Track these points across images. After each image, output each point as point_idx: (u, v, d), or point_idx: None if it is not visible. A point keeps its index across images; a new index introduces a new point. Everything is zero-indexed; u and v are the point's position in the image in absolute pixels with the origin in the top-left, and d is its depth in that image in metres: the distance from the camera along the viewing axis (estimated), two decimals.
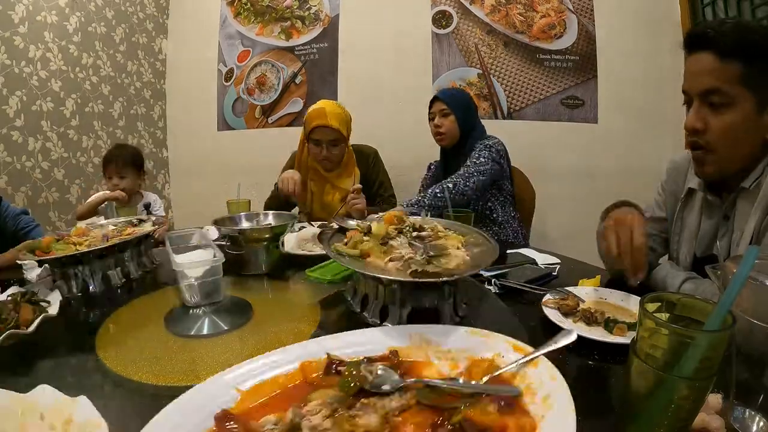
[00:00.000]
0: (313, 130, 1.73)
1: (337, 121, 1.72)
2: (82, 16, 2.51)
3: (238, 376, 0.51)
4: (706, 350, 0.37)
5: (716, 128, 0.76)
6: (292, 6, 2.82)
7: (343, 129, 1.74)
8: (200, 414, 0.45)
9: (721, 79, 0.74)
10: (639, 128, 2.37)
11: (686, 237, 0.95)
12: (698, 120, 0.77)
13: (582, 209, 2.47)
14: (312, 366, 0.53)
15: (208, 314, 0.86)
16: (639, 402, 0.42)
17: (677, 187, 0.99)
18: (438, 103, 1.76)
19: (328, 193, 1.86)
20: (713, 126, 0.76)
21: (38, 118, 2.29)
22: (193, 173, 3.18)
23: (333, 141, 1.74)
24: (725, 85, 0.74)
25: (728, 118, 0.75)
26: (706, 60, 0.75)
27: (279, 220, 1.26)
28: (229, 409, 0.46)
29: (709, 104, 0.76)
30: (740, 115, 0.74)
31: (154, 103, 3.09)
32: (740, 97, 0.74)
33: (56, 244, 1.02)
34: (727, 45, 0.73)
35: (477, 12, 2.53)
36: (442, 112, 1.74)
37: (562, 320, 0.75)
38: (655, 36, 2.32)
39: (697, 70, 0.77)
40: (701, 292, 0.81)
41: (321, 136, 1.73)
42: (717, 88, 0.74)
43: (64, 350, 0.76)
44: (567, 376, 0.63)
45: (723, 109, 0.75)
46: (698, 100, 0.78)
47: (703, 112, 0.77)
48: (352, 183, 1.85)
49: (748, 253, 0.40)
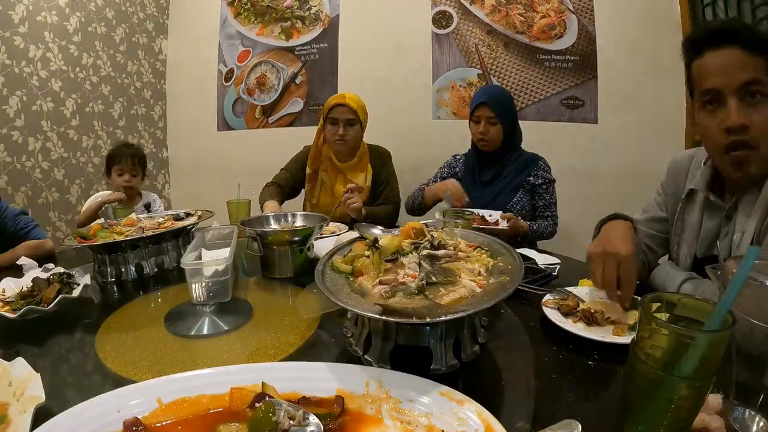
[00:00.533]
0: (332, 109, 1.81)
1: (354, 103, 1.81)
2: (82, 16, 2.52)
3: (164, 385, 0.48)
4: (706, 350, 0.37)
5: (760, 123, 0.72)
6: (292, 6, 2.82)
7: (360, 113, 1.81)
8: (111, 416, 0.44)
9: (757, 71, 0.71)
10: (639, 128, 2.37)
11: (687, 237, 0.94)
12: (742, 116, 0.73)
13: (582, 209, 2.47)
14: (242, 394, 0.47)
15: (208, 314, 0.86)
16: (639, 402, 0.42)
17: (678, 187, 0.98)
18: (485, 109, 1.67)
19: (339, 183, 1.89)
20: (757, 121, 0.73)
21: (38, 118, 2.29)
22: (193, 173, 3.18)
23: (349, 120, 1.80)
24: (764, 77, 0.71)
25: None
26: (736, 54, 0.72)
27: (308, 222, 1.21)
28: (142, 418, 0.44)
29: (747, 99, 0.73)
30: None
31: (154, 103, 3.09)
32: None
33: (101, 231, 1.11)
34: (756, 40, 0.71)
35: (477, 12, 2.53)
36: (490, 120, 1.67)
37: (562, 320, 0.75)
38: (655, 36, 2.32)
39: (730, 64, 0.73)
40: (701, 292, 0.80)
41: (338, 115, 1.79)
42: (756, 79, 0.71)
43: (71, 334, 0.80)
44: (567, 376, 0.63)
45: (763, 101, 0.72)
46: (736, 96, 0.73)
47: (742, 107, 0.73)
48: (364, 179, 1.88)
49: (748, 254, 0.40)
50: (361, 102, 1.85)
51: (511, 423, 0.48)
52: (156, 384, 0.49)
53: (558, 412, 0.53)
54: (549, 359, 0.67)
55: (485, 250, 0.74)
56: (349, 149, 1.85)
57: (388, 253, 0.71)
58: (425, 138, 2.61)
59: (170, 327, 0.81)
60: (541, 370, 0.63)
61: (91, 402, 0.45)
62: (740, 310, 0.45)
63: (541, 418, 0.53)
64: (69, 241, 1.09)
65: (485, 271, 0.67)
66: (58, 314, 0.85)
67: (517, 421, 0.49)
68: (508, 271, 0.65)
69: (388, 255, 0.71)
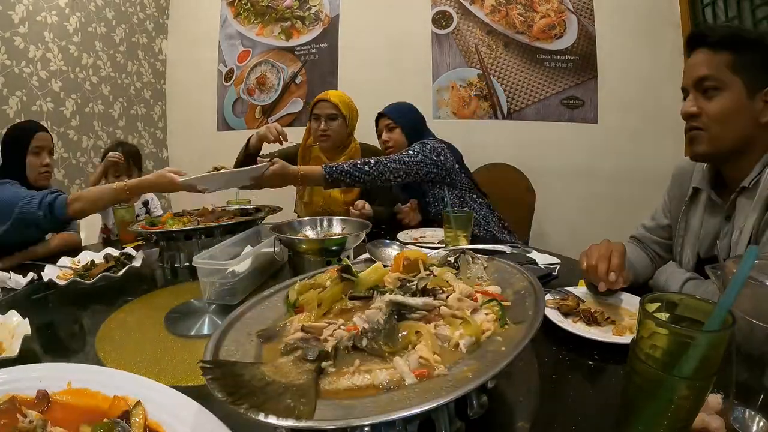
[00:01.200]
0: (314, 106, 1.83)
1: (337, 98, 1.81)
2: (82, 17, 2.52)
3: (78, 372, 0.50)
4: (706, 350, 0.37)
5: (709, 111, 0.82)
6: (292, 6, 2.82)
7: (342, 108, 1.80)
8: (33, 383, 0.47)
9: (712, 67, 0.80)
10: (639, 128, 2.37)
11: (689, 238, 0.95)
12: (693, 105, 0.83)
13: (582, 209, 2.47)
14: (118, 404, 0.46)
15: (208, 314, 0.86)
16: (639, 402, 0.42)
17: (682, 190, 1.00)
18: (383, 119, 1.81)
19: None
20: (707, 109, 0.82)
21: (38, 118, 2.28)
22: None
23: (330, 115, 1.80)
24: (716, 72, 0.80)
25: (720, 102, 0.80)
26: (701, 55, 0.82)
27: (350, 229, 1.14)
28: (51, 393, 0.46)
29: (702, 92, 0.82)
30: (731, 100, 0.80)
31: (154, 103, 3.09)
32: (731, 83, 0.79)
33: (171, 219, 1.25)
34: (718, 38, 0.80)
35: (477, 12, 2.53)
36: (387, 126, 1.80)
37: (562, 320, 0.75)
38: (655, 36, 2.32)
39: (693, 64, 0.84)
40: (702, 292, 0.81)
41: (320, 111, 1.80)
42: (708, 75, 0.80)
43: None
44: (567, 376, 0.63)
45: (715, 94, 0.81)
46: (693, 89, 0.84)
47: (697, 99, 0.83)
48: None
49: (748, 253, 0.40)
50: (345, 98, 1.85)
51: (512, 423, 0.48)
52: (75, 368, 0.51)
53: (558, 412, 0.53)
54: (549, 359, 0.67)
55: (498, 309, 0.52)
56: (333, 144, 1.84)
57: (363, 288, 0.55)
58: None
59: (170, 327, 0.81)
60: (541, 370, 0.63)
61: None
62: (740, 310, 0.45)
63: (542, 418, 0.53)
64: (133, 230, 1.28)
65: (467, 344, 0.46)
66: (99, 289, 0.99)
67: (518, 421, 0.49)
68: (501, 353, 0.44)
69: (361, 290, 0.55)
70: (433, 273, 0.60)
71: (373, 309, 0.52)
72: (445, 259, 0.67)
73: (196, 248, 1.16)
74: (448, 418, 0.40)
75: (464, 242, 1.16)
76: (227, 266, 0.87)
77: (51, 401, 0.46)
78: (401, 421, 0.37)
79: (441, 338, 0.48)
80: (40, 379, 0.48)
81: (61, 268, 1.07)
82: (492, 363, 0.41)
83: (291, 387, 0.40)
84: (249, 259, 0.94)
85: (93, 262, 1.11)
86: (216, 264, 0.88)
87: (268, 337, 0.53)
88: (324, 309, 0.55)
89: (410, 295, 0.53)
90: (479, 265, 0.65)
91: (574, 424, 0.50)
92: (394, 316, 0.50)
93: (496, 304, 0.53)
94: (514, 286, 0.60)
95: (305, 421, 0.35)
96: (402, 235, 1.42)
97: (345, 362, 0.45)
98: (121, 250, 1.18)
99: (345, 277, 0.55)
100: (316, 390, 0.41)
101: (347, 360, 0.45)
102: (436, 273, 0.59)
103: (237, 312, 0.57)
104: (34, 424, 0.41)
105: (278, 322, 0.56)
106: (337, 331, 0.50)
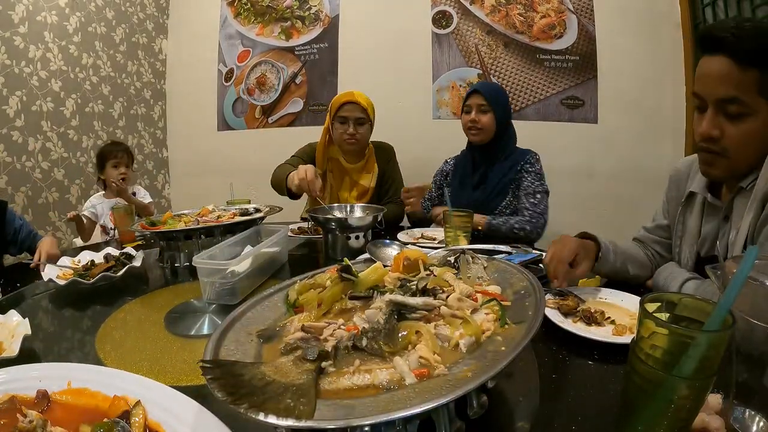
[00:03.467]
0: (341, 107, 1.74)
1: (364, 101, 1.76)
2: (82, 16, 2.51)
3: (78, 372, 0.50)
4: (706, 350, 0.37)
5: (733, 137, 0.74)
6: (292, 6, 2.82)
7: (370, 111, 1.76)
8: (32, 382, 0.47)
9: (739, 88, 0.71)
10: (639, 128, 2.37)
11: (687, 239, 0.95)
12: (714, 128, 0.75)
13: (582, 209, 2.47)
14: (119, 404, 0.46)
15: (208, 314, 0.86)
16: (639, 402, 0.42)
17: (679, 192, 1.00)
18: (477, 97, 1.63)
19: (345, 189, 1.86)
20: (730, 134, 0.74)
21: (38, 118, 2.29)
22: (193, 173, 3.17)
23: (359, 119, 1.74)
24: (744, 95, 0.71)
25: (745, 127, 0.73)
26: (724, 65, 0.72)
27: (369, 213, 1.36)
28: (51, 393, 0.46)
29: (725, 112, 0.74)
30: (757, 125, 0.72)
31: (154, 103, 3.09)
32: (759, 108, 0.72)
33: (171, 219, 1.26)
34: (747, 51, 0.70)
35: (477, 12, 2.53)
36: (480, 107, 1.62)
37: (562, 320, 0.75)
38: (655, 36, 2.32)
39: (714, 75, 0.74)
40: (701, 292, 0.81)
41: (348, 113, 1.73)
42: (736, 97, 0.72)
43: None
44: (567, 376, 0.63)
45: (740, 118, 0.73)
46: (714, 107, 0.75)
47: (718, 119, 0.75)
48: (370, 180, 1.85)
49: (747, 253, 0.40)
50: (369, 100, 1.80)
51: (512, 423, 0.48)
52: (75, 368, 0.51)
53: (558, 412, 0.53)
54: (549, 359, 0.67)
55: (498, 308, 0.52)
56: (360, 149, 1.81)
57: (363, 288, 0.55)
58: (425, 138, 2.60)
59: (170, 327, 0.81)
60: (541, 370, 0.63)
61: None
62: (740, 310, 0.45)
63: (542, 418, 0.53)
64: (135, 229, 1.31)
65: (467, 344, 0.46)
66: (99, 289, 1.00)
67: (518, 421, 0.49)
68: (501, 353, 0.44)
69: (361, 290, 0.55)
70: (433, 273, 0.60)
71: (373, 309, 0.52)
72: (445, 259, 0.67)
73: (196, 248, 1.16)
74: (448, 417, 0.41)
75: (464, 242, 1.16)
76: (227, 266, 0.87)
77: (51, 401, 0.46)
78: (401, 421, 0.38)
79: (441, 338, 0.48)
80: (40, 378, 0.48)
81: (61, 268, 1.07)
82: (492, 363, 0.41)
83: (291, 387, 0.40)
84: (249, 259, 0.95)
85: (93, 262, 1.12)
86: (216, 264, 0.88)
87: (268, 336, 0.53)
88: (324, 309, 0.55)
89: (410, 295, 0.54)
90: (479, 265, 0.65)
91: (574, 424, 0.50)
92: (394, 315, 0.50)
93: (496, 304, 0.53)
94: (514, 286, 0.61)
95: (305, 421, 0.35)
96: (402, 235, 1.42)
97: (345, 362, 0.45)
98: (121, 250, 1.18)
99: (345, 277, 0.55)
100: (316, 390, 0.41)
101: (347, 360, 0.45)
102: (436, 273, 0.59)
103: (237, 312, 0.58)
104: (34, 424, 0.41)
105: (278, 322, 0.56)
106: (337, 330, 0.50)
